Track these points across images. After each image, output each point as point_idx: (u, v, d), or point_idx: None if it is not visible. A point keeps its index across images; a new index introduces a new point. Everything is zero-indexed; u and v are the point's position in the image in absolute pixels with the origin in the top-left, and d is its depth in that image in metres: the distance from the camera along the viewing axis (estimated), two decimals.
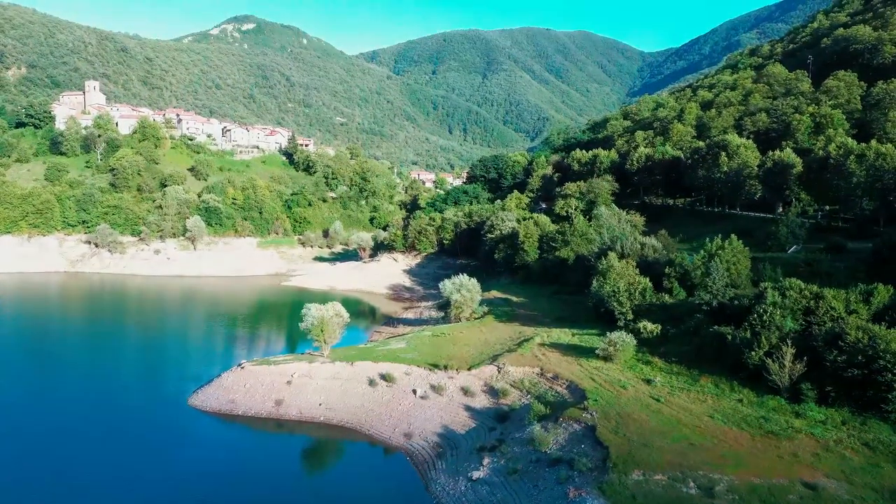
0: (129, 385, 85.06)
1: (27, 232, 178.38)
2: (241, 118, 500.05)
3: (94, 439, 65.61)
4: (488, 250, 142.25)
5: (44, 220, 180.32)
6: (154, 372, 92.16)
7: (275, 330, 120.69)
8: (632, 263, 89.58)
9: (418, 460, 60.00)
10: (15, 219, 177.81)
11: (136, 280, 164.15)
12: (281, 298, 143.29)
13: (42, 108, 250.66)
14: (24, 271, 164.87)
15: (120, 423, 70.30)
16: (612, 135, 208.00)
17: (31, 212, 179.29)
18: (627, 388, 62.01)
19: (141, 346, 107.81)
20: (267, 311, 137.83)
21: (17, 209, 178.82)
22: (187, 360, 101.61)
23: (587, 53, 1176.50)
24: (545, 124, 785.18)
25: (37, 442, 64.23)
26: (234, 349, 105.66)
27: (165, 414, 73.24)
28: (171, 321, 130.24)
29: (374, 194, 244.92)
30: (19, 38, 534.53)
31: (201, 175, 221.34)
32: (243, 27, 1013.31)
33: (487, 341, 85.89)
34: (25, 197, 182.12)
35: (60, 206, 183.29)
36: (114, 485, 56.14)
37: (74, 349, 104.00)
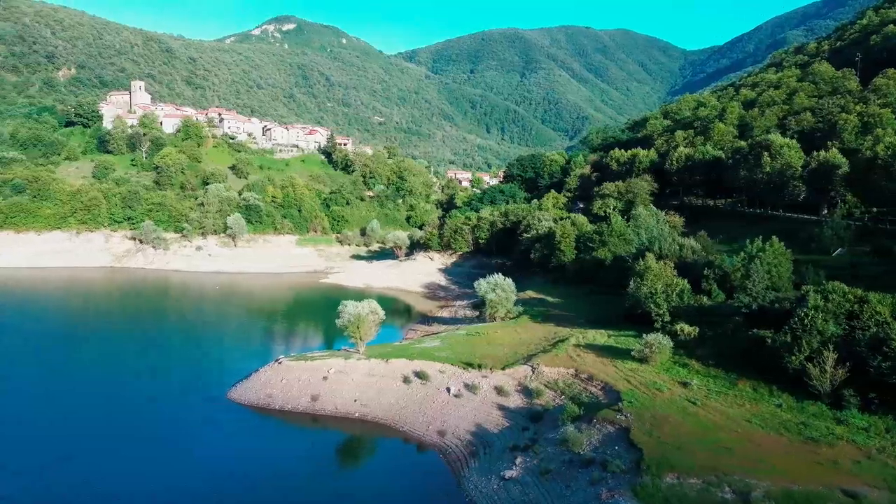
0: (172, 378, 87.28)
1: (75, 228, 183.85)
2: (282, 117, 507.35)
3: (136, 430, 67.52)
4: (524, 250, 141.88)
5: (91, 217, 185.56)
6: (195, 365, 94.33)
7: (312, 326, 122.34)
8: (669, 265, 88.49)
9: (451, 458, 60.32)
10: (64, 215, 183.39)
11: (179, 276, 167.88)
12: (318, 295, 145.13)
13: (90, 108, 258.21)
14: (72, 266, 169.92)
15: (162, 415, 72.29)
16: (652, 134, 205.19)
17: (80, 208, 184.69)
18: (663, 391, 61.38)
19: (183, 340, 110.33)
20: (304, 308, 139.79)
21: (67, 206, 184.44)
22: (227, 354, 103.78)
23: (627, 52, 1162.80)
24: (584, 123, 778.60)
25: (82, 431, 66.43)
26: (272, 344, 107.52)
27: (205, 407, 74.93)
28: (211, 316, 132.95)
29: (410, 193, 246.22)
30: (69, 39, 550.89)
31: (242, 173, 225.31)
32: (284, 27, 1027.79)
33: (522, 341, 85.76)
34: (74, 194, 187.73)
35: (107, 203, 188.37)
36: (153, 475, 57.74)
37: (118, 342, 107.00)
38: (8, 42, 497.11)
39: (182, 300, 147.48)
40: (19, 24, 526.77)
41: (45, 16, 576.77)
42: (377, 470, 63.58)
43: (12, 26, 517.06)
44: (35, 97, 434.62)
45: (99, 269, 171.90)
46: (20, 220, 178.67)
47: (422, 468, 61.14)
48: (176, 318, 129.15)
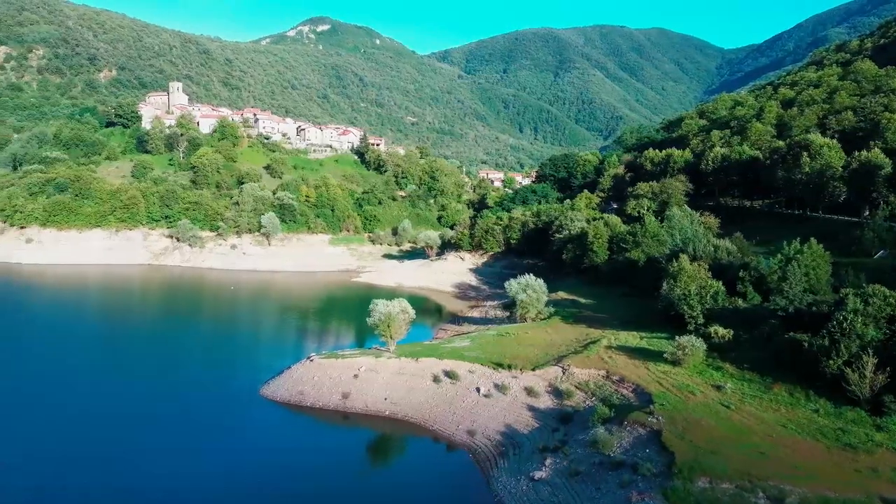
0: (206, 373, 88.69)
1: (115, 226, 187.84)
2: (316, 118, 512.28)
3: (169, 425, 68.87)
4: (556, 250, 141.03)
5: (130, 215, 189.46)
6: (229, 362, 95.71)
7: (343, 324, 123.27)
8: (704, 266, 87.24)
9: (481, 458, 60.31)
10: (104, 213, 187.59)
11: (214, 274, 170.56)
12: (350, 294, 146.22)
13: (130, 109, 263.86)
14: (111, 263, 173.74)
15: (196, 410, 73.59)
16: (687, 134, 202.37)
17: (119, 207, 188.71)
18: (696, 394, 60.52)
19: (217, 337, 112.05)
20: (336, 306, 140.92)
21: (107, 204, 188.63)
22: (260, 351, 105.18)
23: (663, 51, 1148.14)
24: (618, 123, 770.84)
25: (119, 425, 67.91)
26: (305, 342, 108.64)
27: (238, 403, 76.12)
28: (245, 314, 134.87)
29: (442, 193, 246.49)
30: (110, 41, 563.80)
31: (276, 173, 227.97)
32: (318, 28, 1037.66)
33: (553, 342, 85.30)
34: (114, 193, 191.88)
35: (145, 202, 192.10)
36: (186, 468, 58.84)
37: (155, 338, 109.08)
38: (52, 45, 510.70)
39: (216, 297, 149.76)
40: (63, 28, 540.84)
41: (88, 19, 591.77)
42: (407, 468, 63.88)
43: (56, 29, 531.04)
44: (77, 98, 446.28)
45: (137, 267, 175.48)
46: (62, 219, 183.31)
47: (451, 467, 61.24)
48: (210, 315, 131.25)
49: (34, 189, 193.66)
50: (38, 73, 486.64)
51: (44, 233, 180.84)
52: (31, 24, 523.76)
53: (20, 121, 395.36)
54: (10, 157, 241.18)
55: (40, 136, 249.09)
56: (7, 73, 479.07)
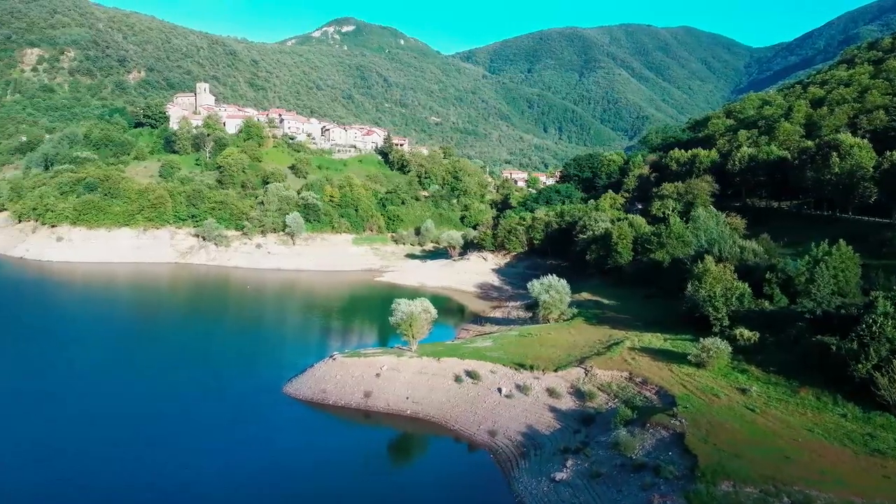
0: (230, 371, 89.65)
1: (143, 225, 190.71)
2: (340, 118, 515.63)
3: (196, 421, 69.85)
4: (579, 251, 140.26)
5: (157, 214, 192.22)
6: (253, 359, 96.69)
7: (366, 323, 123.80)
8: (730, 268, 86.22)
9: (502, 458, 60.24)
10: (132, 212, 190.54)
11: (239, 272, 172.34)
12: (373, 293, 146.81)
13: (158, 109, 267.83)
14: (138, 261, 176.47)
15: (220, 407, 74.49)
16: (714, 134, 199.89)
17: (147, 206, 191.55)
18: (720, 397, 59.81)
19: (242, 335, 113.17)
20: (359, 306, 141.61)
21: (135, 203, 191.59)
22: (284, 349, 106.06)
23: (690, 50, 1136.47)
24: (644, 123, 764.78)
25: (145, 421, 68.99)
26: (328, 340, 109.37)
27: (261, 400, 76.82)
28: (270, 312, 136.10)
29: (465, 193, 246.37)
30: (139, 43, 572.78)
31: (301, 173, 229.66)
32: (343, 29, 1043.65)
33: (575, 343, 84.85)
34: (142, 192, 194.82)
35: (172, 202, 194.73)
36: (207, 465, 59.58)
37: (182, 335, 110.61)
38: (83, 47, 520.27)
39: (241, 295, 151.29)
40: (93, 30, 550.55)
41: (118, 21, 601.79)
42: (428, 468, 64.04)
43: (87, 31, 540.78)
44: (107, 99, 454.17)
45: (164, 265, 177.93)
46: (92, 217, 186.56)
47: (472, 467, 61.27)
48: (236, 313, 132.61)
49: (65, 188, 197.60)
50: (69, 75, 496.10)
51: (74, 231, 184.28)
52: (62, 26, 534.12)
53: (52, 121, 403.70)
54: (42, 157, 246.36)
55: (71, 136, 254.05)
56: (40, 74, 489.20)
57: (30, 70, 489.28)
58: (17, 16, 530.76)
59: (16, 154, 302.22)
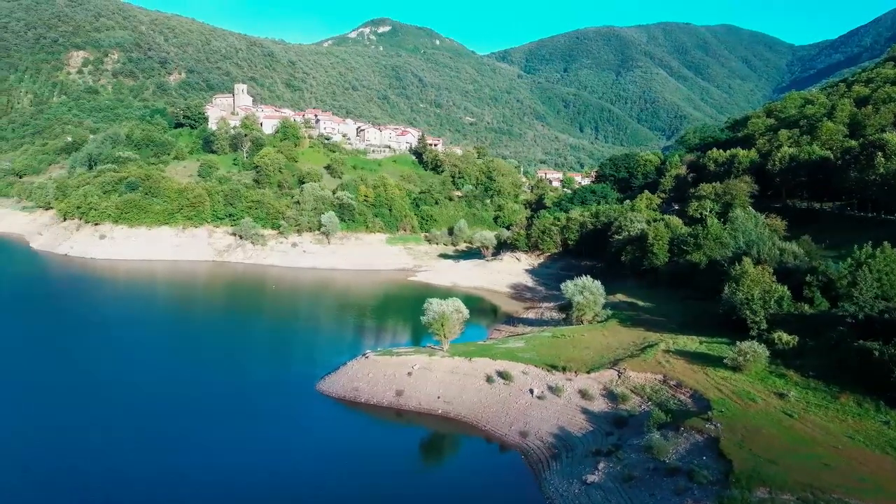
0: (265, 367, 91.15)
1: (182, 223, 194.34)
2: (375, 118, 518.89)
3: (230, 416, 71.08)
4: (614, 252, 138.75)
5: (196, 213, 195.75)
6: (288, 357, 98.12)
7: (399, 322, 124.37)
8: (768, 270, 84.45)
9: (533, 459, 60.04)
10: (172, 211, 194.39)
11: (274, 271, 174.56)
12: (406, 293, 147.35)
13: (197, 110, 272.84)
14: (177, 259, 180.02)
15: (254, 403, 75.75)
16: (753, 133, 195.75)
17: (186, 205, 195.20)
18: (757, 401, 58.66)
19: (277, 332, 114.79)
20: (392, 305, 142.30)
21: (174, 202, 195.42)
22: (318, 347, 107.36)
23: (730, 48, 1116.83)
24: (682, 122, 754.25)
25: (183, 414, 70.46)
26: (361, 339, 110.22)
27: (294, 397, 77.98)
28: (305, 310, 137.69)
29: (499, 193, 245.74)
30: (180, 45, 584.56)
31: (336, 173, 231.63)
32: (379, 30, 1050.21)
33: (609, 345, 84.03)
34: (181, 191, 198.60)
35: (210, 201, 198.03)
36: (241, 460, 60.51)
37: (219, 332, 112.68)
38: (126, 49, 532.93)
39: (277, 294, 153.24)
40: (136, 32, 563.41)
41: (160, 23, 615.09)
42: (459, 468, 64.17)
43: (130, 34, 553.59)
44: (149, 100, 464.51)
45: (202, 263, 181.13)
46: (133, 216, 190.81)
47: (503, 468, 61.24)
48: (271, 311, 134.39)
49: (108, 187, 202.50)
50: (112, 77, 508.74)
51: (116, 229, 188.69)
52: (107, 29, 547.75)
53: (96, 122, 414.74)
54: (86, 157, 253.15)
55: (114, 136, 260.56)
56: (85, 76, 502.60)
57: (75, 72, 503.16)
58: (64, 19, 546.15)
59: (62, 154, 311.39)
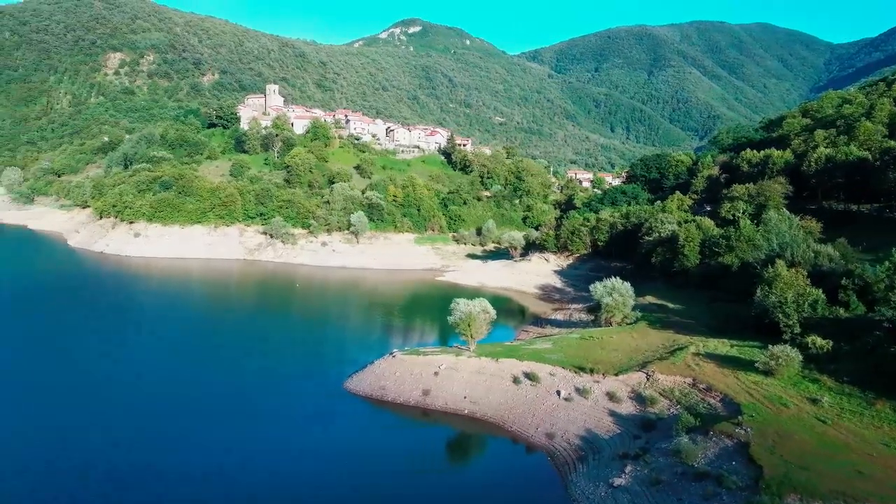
0: (294, 365, 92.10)
1: (214, 222, 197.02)
2: (405, 119, 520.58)
3: (259, 412, 72.06)
4: (644, 253, 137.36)
5: (228, 212, 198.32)
6: (316, 354, 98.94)
7: (427, 322, 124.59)
8: (802, 273, 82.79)
9: (559, 461, 59.74)
10: (204, 210, 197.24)
11: (304, 269, 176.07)
12: (434, 293, 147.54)
13: (229, 111, 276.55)
14: (209, 257, 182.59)
15: (281, 400, 76.68)
16: (788, 134, 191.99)
17: (218, 204, 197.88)
18: (789, 407, 57.57)
19: (306, 330, 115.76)
20: (420, 304, 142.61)
21: (207, 201, 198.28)
22: (346, 345, 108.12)
23: (765, 47, 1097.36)
24: (715, 123, 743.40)
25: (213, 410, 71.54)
26: (388, 338, 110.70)
27: (322, 395, 78.62)
28: (334, 309, 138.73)
29: (528, 193, 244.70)
30: (213, 46, 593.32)
31: (365, 173, 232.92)
32: (410, 30, 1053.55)
33: (638, 347, 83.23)
34: (213, 191, 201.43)
35: (242, 200, 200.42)
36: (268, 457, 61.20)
37: (250, 329, 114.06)
38: (161, 50, 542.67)
39: (306, 292, 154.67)
40: (171, 34, 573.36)
41: (194, 25, 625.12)
42: (485, 468, 64.17)
43: (165, 36, 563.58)
44: (183, 101, 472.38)
45: (234, 262, 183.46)
46: (167, 215, 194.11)
47: (529, 469, 61.05)
48: (301, 309, 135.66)
49: (142, 186, 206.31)
50: (148, 78, 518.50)
51: (150, 228, 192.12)
52: (143, 31, 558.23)
53: (132, 122, 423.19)
54: (122, 157, 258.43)
55: (148, 136, 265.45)
56: (121, 77, 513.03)
57: (112, 73, 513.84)
58: (102, 22, 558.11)
59: (98, 154, 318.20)
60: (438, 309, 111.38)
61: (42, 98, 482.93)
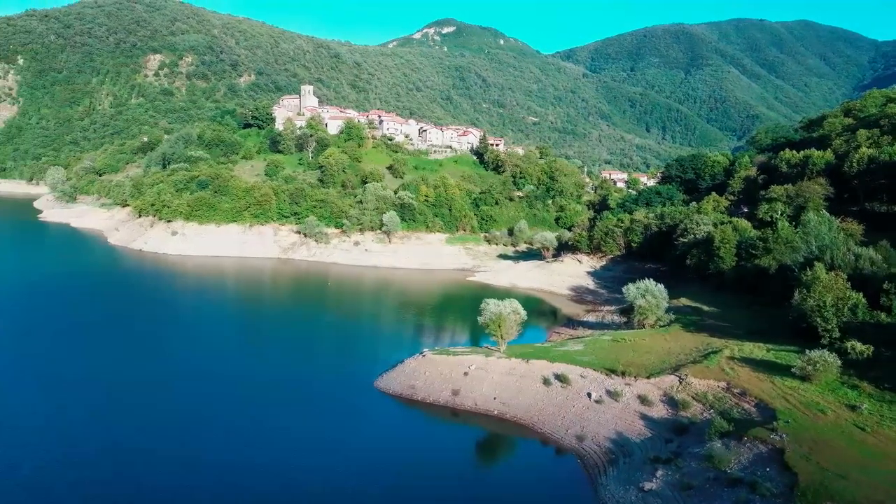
0: (325, 362, 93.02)
1: (249, 221, 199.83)
2: (438, 119, 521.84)
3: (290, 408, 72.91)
4: (679, 255, 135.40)
5: (262, 212, 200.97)
6: (347, 353, 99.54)
7: (458, 322, 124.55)
8: (842, 276, 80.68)
9: (589, 464, 59.26)
10: (240, 209, 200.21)
11: (337, 268, 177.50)
12: (464, 293, 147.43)
13: (264, 111, 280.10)
14: (244, 256, 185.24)
15: (315, 398, 77.47)
16: (829, 134, 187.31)
17: (253, 203, 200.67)
18: (826, 413, 56.17)
19: (338, 328, 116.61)
20: (451, 304, 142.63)
21: (242, 201, 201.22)
22: (377, 344, 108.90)
23: (807, 45, 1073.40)
24: (754, 122, 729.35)
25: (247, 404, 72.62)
26: (419, 337, 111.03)
27: (352, 392, 79.32)
28: (365, 307, 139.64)
29: (561, 194, 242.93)
30: (250, 48, 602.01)
31: (398, 173, 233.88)
32: (444, 30, 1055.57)
33: (670, 350, 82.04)
34: (249, 190, 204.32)
35: (276, 199, 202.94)
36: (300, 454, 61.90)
37: (281, 326, 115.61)
38: (200, 52, 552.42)
39: (339, 291, 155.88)
40: (209, 36, 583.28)
41: (231, 27, 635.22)
42: (514, 469, 63.97)
43: (203, 37, 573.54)
44: (220, 102, 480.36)
45: (268, 260, 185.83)
46: (203, 213, 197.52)
47: (558, 472, 60.78)
48: (333, 307, 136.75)
49: (179, 186, 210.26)
50: (186, 79, 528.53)
51: (187, 226, 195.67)
52: (182, 33, 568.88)
53: (171, 122, 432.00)
54: (161, 157, 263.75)
55: (186, 136, 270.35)
56: (161, 79, 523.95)
57: (152, 75, 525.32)
58: (143, 24, 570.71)
59: (138, 153, 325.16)
60: (469, 309, 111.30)
61: (85, 99, 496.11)
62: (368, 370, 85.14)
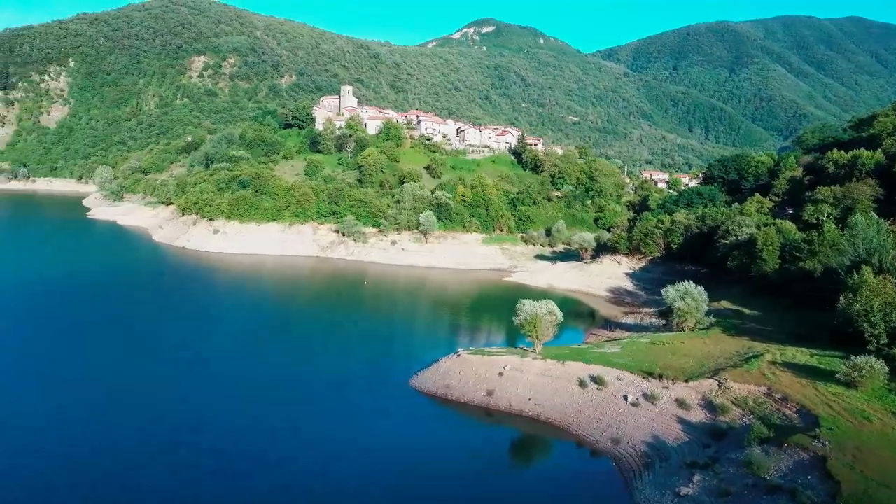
0: (362, 360, 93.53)
1: (289, 220, 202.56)
2: (476, 119, 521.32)
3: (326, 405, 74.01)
4: (720, 257, 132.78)
5: (302, 211, 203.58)
6: (384, 351, 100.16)
7: (493, 322, 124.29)
8: (891, 280, 78.22)
9: (624, 467, 58.64)
10: (280, 208, 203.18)
11: (374, 267, 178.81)
12: (500, 293, 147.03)
13: (305, 112, 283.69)
14: (284, 254, 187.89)
15: (348, 395, 78.15)
16: (880, 133, 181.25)
17: (293, 203, 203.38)
18: (872, 421, 54.53)
19: (374, 326, 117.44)
20: (487, 304, 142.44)
21: (282, 200, 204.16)
22: (413, 342, 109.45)
23: (857, 42, 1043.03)
24: (801, 122, 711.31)
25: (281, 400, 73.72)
26: (455, 337, 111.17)
27: (388, 390, 79.68)
28: (401, 306, 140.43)
29: (600, 194, 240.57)
30: (291, 49, 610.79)
31: (435, 173, 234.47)
32: (483, 30, 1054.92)
33: (710, 354, 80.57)
34: (289, 189, 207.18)
35: (316, 199, 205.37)
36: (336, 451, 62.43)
37: (320, 324, 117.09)
38: (242, 53, 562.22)
39: (376, 290, 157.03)
40: (252, 38, 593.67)
41: (273, 29, 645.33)
42: (548, 471, 63.66)
43: (246, 39, 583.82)
44: (262, 102, 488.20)
45: (307, 259, 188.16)
46: (244, 212, 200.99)
47: (593, 475, 60.26)
48: (371, 305, 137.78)
49: (222, 185, 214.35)
50: (229, 80, 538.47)
51: (228, 225, 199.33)
52: (225, 35, 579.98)
53: (214, 122, 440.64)
54: (204, 156, 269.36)
55: (228, 136, 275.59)
56: (205, 80, 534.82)
57: (196, 76, 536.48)
58: (188, 26, 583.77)
59: (182, 153, 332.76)
60: (505, 309, 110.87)
61: (132, 100, 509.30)
62: (404, 368, 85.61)
